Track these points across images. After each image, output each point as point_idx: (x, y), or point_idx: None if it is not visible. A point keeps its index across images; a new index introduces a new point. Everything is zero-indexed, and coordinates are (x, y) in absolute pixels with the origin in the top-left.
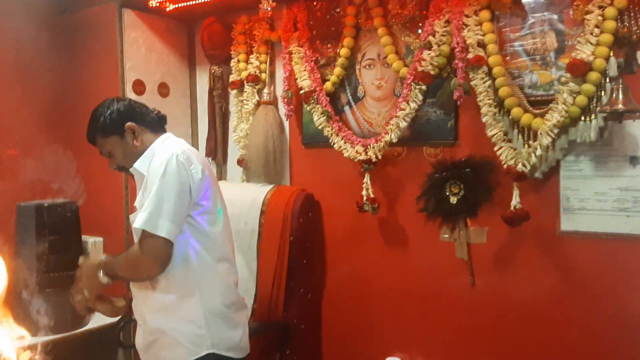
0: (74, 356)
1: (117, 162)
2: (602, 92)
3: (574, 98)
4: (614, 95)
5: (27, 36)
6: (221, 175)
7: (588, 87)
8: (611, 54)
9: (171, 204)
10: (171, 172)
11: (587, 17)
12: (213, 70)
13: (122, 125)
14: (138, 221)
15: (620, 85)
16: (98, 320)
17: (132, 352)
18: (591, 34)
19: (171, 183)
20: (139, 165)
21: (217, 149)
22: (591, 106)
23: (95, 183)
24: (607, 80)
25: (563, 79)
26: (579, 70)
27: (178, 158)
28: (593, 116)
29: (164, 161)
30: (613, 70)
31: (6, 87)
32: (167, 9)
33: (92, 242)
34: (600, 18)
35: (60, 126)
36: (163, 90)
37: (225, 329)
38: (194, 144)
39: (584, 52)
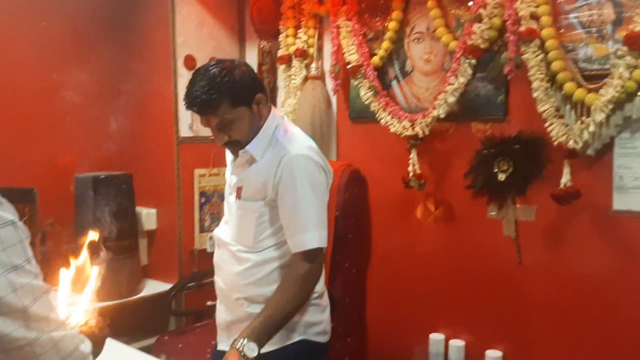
0: (128, 322)
1: (234, 137)
2: None
3: (631, 72)
4: None
5: (84, 13)
6: None
7: None
8: None
9: (323, 212)
10: (312, 176)
11: None
12: (262, 45)
13: (254, 95)
14: (308, 242)
15: None
16: (151, 288)
17: (184, 319)
18: None
19: (314, 188)
20: (254, 150)
21: None
22: None
23: (148, 155)
24: None
25: (620, 53)
26: (637, 43)
27: (315, 159)
28: None
29: (307, 165)
30: None
31: (65, 62)
32: None
33: (146, 213)
34: None
35: (115, 99)
36: None
37: (316, 314)
38: None
39: None
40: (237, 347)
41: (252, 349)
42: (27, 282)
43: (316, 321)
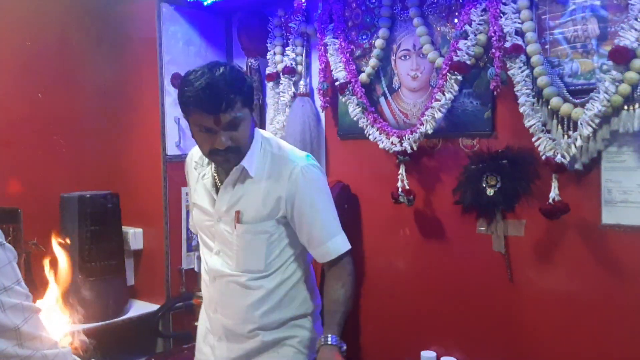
0: (113, 344)
1: (236, 141)
2: None
3: (617, 86)
4: None
5: (71, 30)
6: None
7: (632, 75)
8: None
9: (337, 215)
10: (324, 184)
11: (632, 2)
12: (250, 63)
13: (253, 99)
14: (341, 247)
15: None
16: (137, 309)
17: (171, 341)
18: (636, 19)
19: (328, 195)
20: (249, 164)
21: None
22: (635, 94)
23: (135, 174)
24: None
25: (605, 67)
26: (622, 57)
27: (320, 168)
28: (637, 105)
29: (318, 174)
30: None
31: (51, 81)
32: (205, 3)
33: (132, 232)
34: None
35: (101, 117)
36: None
37: (320, 327)
38: None
39: (628, 38)
40: (333, 343)
41: (343, 344)
42: (17, 302)
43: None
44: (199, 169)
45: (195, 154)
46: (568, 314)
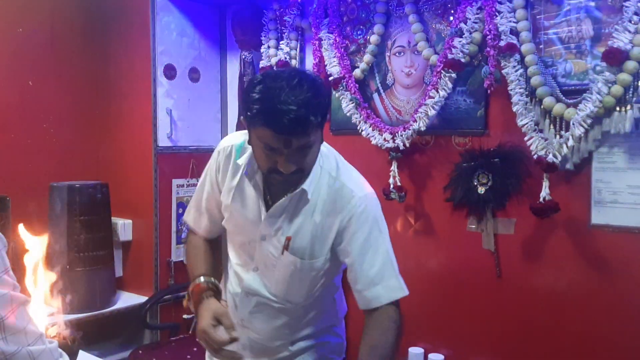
0: (101, 335)
1: (302, 164)
2: (639, 82)
3: (609, 88)
4: None
5: (62, 20)
6: None
7: (624, 77)
8: None
9: (394, 257)
10: (382, 219)
11: (626, 3)
12: (243, 56)
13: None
14: (399, 292)
15: None
16: (125, 300)
17: (159, 333)
18: (629, 21)
19: (386, 232)
20: (309, 187)
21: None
22: (627, 96)
23: (125, 165)
24: None
25: (598, 68)
26: (615, 59)
27: (375, 196)
28: (629, 107)
29: (377, 207)
30: None
31: (42, 69)
32: None
33: (122, 223)
34: (639, 5)
35: (92, 107)
36: (194, 75)
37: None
38: (223, 129)
39: (621, 40)
40: None
41: None
42: (4, 293)
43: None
44: (237, 169)
45: (229, 142)
46: (555, 312)
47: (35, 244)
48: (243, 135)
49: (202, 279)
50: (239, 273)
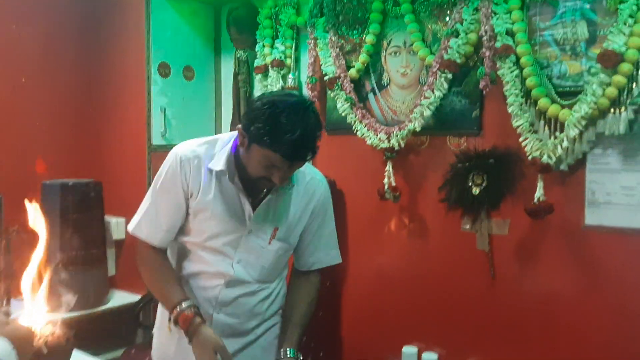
0: (94, 334)
1: (292, 174)
2: (634, 84)
3: (604, 89)
4: None
5: (56, 17)
6: None
7: (619, 79)
8: None
9: None
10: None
11: (621, 6)
12: (238, 55)
13: None
14: (339, 257)
15: None
16: (118, 299)
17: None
18: (624, 23)
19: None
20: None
21: None
22: (621, 98)
23: (119, 163)
24: (639, 72)
25: (593, 70)
26: (610, 61)
27: None
28: (623, 108)
29: (326, 185)
30: None
31: (35, 66)
32: None
33: (115, 222)
34: (634, 7)
35: (86, 104)
36: (188, 73)
37: None
38: (218, 128)
39: (616, 42)
40: (292, 356)
41: (300, 356)
42: None
43: None
44: (211, 174)
45: (191, 153)
46: (549, 312)
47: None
48: (200, 145)
49: (184, 304)
50: (216, 266)
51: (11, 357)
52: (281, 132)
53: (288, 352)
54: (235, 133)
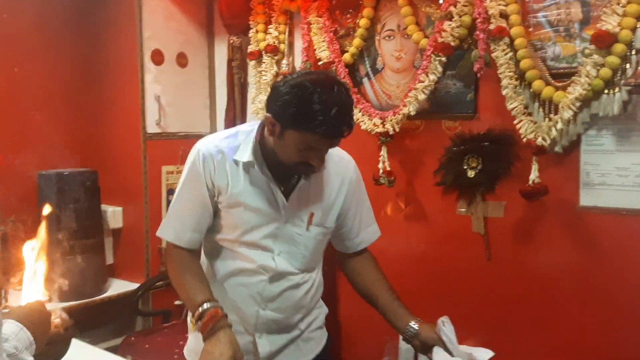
0: (93, 322)
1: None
2: (628, 65)
3: (598, 70)
4: None
5: (49, 6)
6: None
7: (613, 60)
8: (638, 25)
9: None
10: None
11: None
12: (232, 41)
13: None
14: (376, 234)
15: None
16: (116, 287)
17: (151, 320)
18: (618, 4)
19: None
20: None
21: (235, 120)
22: (615, 79)
23: (114, 152)
24: (633, 52)
25: (587, 51)
26: (603, 41)
27: None
28: (617, 89)
29: (354, 163)
30: None
31: (28, 55)
32: None
33: (112, 211)
34: None
35: (80, 93)
36: (181, 60)
37: None
38: (212, 115)
39: (610, 23)
40: (417, 327)
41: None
42: None
43: None
44: (237, 166)
45: (214, 148)
46: (545, 293)
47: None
48: (222, 139)
49: (209, 304)
50: (259, 260)
51: (24, 341)
52: (318, 112)
53: (412, 325)
54: (255, 123)
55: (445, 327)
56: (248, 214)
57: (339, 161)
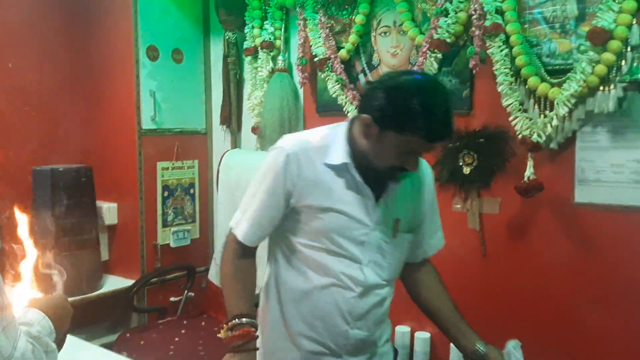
0: (88, 319)
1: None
2: (623, 61)
3: (593, 67)
4: (635, 64)
5: (42, 1)
6: (235, 143)
7: (608, 56)
8: (634, 22)
9: None
10: None
11: None
12: (227, 37)
13: None
14: (442, 240)
15: None
16: (111, 284)
17: (146, 316)
18: (613, 0)
19: None
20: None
21: (231, 117)
22: (610, 76)
23: (109, 148)
24: (629, 49)
25: (582, 48)
26: (599, 38)
27: None
28: (612, 86)
29: (429, 166)
30: (635, 39)
31: (22, 51)
32: None
33: (107, 207)
34: None
35: (75, 89)
36: (177, 56)
37: None
38: (208, 111)
39: (605, 19)
40: (484, 349)
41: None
42: None
43: None
44: (325, 170)
45: (299, 149)
46: (540, 289)
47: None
48: (305, 140)
49: (247, 319)
50: (348, 272)
51: (46, 328)
52: (422, 114)
53: (479, 347)
54: (339, 124)
55: (516, 352)
56: (338, 218)
57: (420, 164)
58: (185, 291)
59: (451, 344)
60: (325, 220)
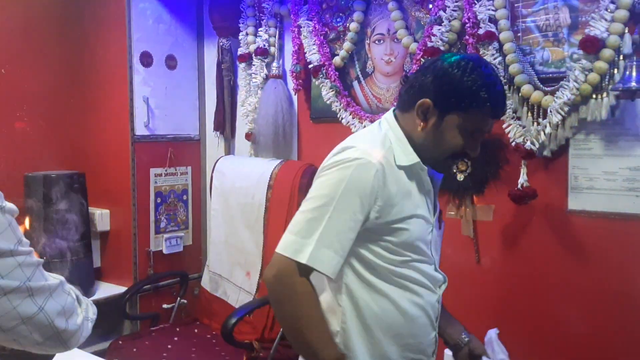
0: None
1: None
2: (615, 70)
3: (586, 75)
4: (628, 72)
5: (37, 7)
6: (229, 149)
7: (601, 65)
8: (626, 31)
9: None
10: None
11: None
12: (221, 43)
13: None
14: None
15: (635, 63)
16: (104, 291)
17: (139, 323)
18: (606, 9)
19: None
20: None
21: (225, 123)
22: (603, 84)
23: (102, 154)
24: (621, 58)
25: (575, 56)
26: (592, 47)
27: None
28: (605, 94)
29: None
30: (627, 48)
31: (16, 57)
32: None
33: (99, 213)
34: None
35: (68, 95)
36: (171, 62)
37: None
38: (202, 117)
39: (598, 28)
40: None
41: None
42: (22, 260)
43: None
44: (400, 174)
45: (380, 155)
46: (534, 296)
47: None
48: (373, 143)
49: None
50: (427, 271)
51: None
52: (487, 89)
53: (464, 336)
54: (378, 124)
55: (495, 342)
56: (419, 224)
57: None
58: (178, 298)
59: (445, 350)
60: (410, 230)
